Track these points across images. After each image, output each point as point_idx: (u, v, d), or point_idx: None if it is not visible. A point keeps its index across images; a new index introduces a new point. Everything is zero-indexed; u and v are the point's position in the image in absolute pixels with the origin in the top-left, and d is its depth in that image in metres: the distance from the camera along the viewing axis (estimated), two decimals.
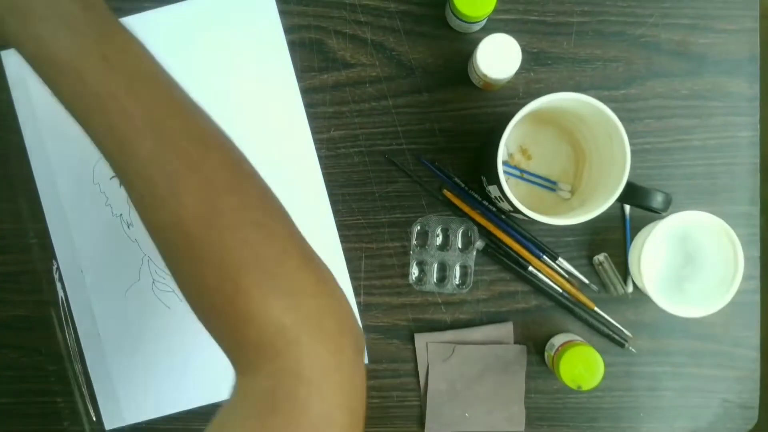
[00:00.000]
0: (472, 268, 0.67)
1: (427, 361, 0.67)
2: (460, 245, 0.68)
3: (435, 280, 0.68)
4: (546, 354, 0.66)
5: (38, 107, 0.67)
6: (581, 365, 0.61)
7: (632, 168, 0.56)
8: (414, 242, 0.68)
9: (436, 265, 0.68)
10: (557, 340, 0.65)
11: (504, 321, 0.67)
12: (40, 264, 0.68)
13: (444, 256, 0.67)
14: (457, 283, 0.68)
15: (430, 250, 0.68)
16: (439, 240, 0.68)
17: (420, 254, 0.68)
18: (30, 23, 0.36)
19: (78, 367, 0.68)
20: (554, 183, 0.67)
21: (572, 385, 0.61)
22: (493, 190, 0.61)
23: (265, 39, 0.67)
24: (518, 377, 0.67)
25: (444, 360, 0.67)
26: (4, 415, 0.69)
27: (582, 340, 0.65)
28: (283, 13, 0.67)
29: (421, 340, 0.67)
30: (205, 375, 0.68)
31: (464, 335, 0.67)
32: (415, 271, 0.68)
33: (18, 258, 0.68)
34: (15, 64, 0.67)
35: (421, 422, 0.68)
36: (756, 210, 0.68)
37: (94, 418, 0.68)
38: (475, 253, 0.67)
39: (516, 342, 0.67)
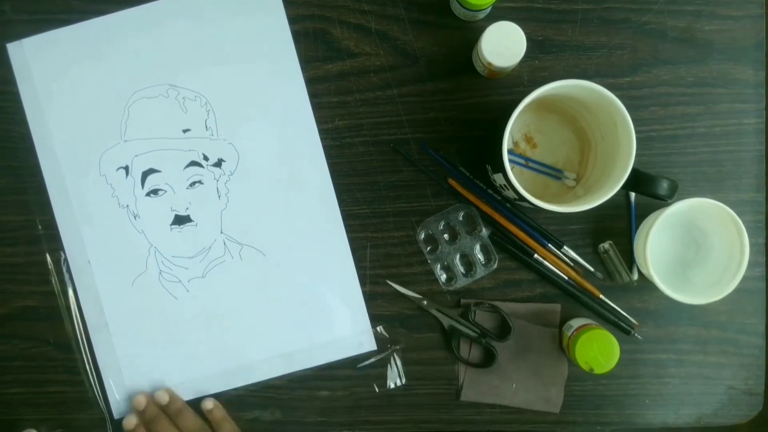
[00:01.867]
0: (490, 242, 0.67)
1: None
2: (467, 230, 0.68)
3: (463, 272, 0.68)
4: (562, 334, 0.66)
5: (44, 100, 0.68)
6: (597, 349, 0.61)
7: (637, 155, 0.56)
8: (426, 251, 0.68)
9: (457, 259, 0.68)
10: (576, 322, 0.65)
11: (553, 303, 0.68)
12: (48, 255, 0.68)
13: (460, 247, 0.68)
14: (483, 262, 0.68)
15: (444, 248, 0.68)
16: (446, 236, 0.68)
17: (438, 258, 0.68)
18: None
19: (86, 357, 0.69)
20: (559, 171, 0.67)
21: (585, 366, 0.61)
22: (498, 178, 0.61)
23: (269, 29, 0.67)
24: (562, 361, 0.67)
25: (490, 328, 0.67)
26: (13, 404, 0.69)
27: (599, 325, 0.65)
28: (288, 3, 0.67)
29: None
30: (212, 364, 0.68)
31: (511, 307, 0.67)
32: (442, 275, 0.68)
33: (26, 249, 0.69)
34: (20, 56, 0.68)
35: (456, 390, 0.68)
36: (762, 197, 0.68)
37: (103, 407, 0.69)
38: (484, 230, 0.67)
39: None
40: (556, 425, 0.68)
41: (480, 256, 0.68)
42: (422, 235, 0.68)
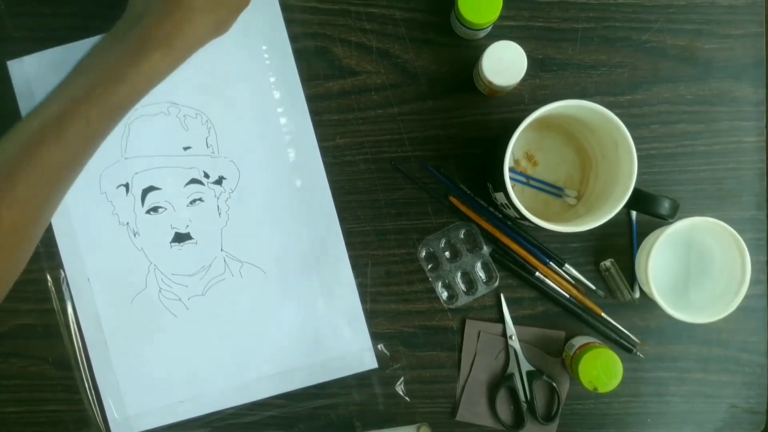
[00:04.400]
0: (491, 260, 0.67)
1: (475, 350, 0.67)
2: (468, 247, 0.68)
3: (464, 290, 0.68)
4: (564, 354, 0.66)
5: None
6: (600, 367, 0.61)
7: (638, 173, 0.56)
8: (427, 268, 0.68)
9: (459, 277, 0.68)
10: (577, 341, 0.65)
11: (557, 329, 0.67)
12: (48, 273, 0.68)
13: (461, 265, 0.67)
14: (484, 280, 0.68)
15: (445, 266, 0.68)
16: (447, 254, 0.68)
17: (439, 275, 0.68)
18: None
19: (85, 376, 0.68)
20: (560, 189, 0.67)
21: (589, 386, 0.61)
22: (499, 197, 0.61)
23: (270, 47, 0.67)
24: (561, 389, 0.67)
25: (493, 353, 0.67)
26: (12, 424, 0.69)
27: (601, 343, 0.64)
28: (289, 21, 0.67)
29: (473, 327, 0.67)
30: (212, 382, 0.68)
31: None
32: (443, 293, 0.68)
33: (25, 267, 0.68)
34: (21, 74, 0.68)
35: (452, 410, 0.68)
36: (763, 215, 0.68)
37: (102, 427, 0.68)
38: (485, 247, 0.67)
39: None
40: None
41: (481, 274, 0.68)
42: (423, 253, 0.68)
